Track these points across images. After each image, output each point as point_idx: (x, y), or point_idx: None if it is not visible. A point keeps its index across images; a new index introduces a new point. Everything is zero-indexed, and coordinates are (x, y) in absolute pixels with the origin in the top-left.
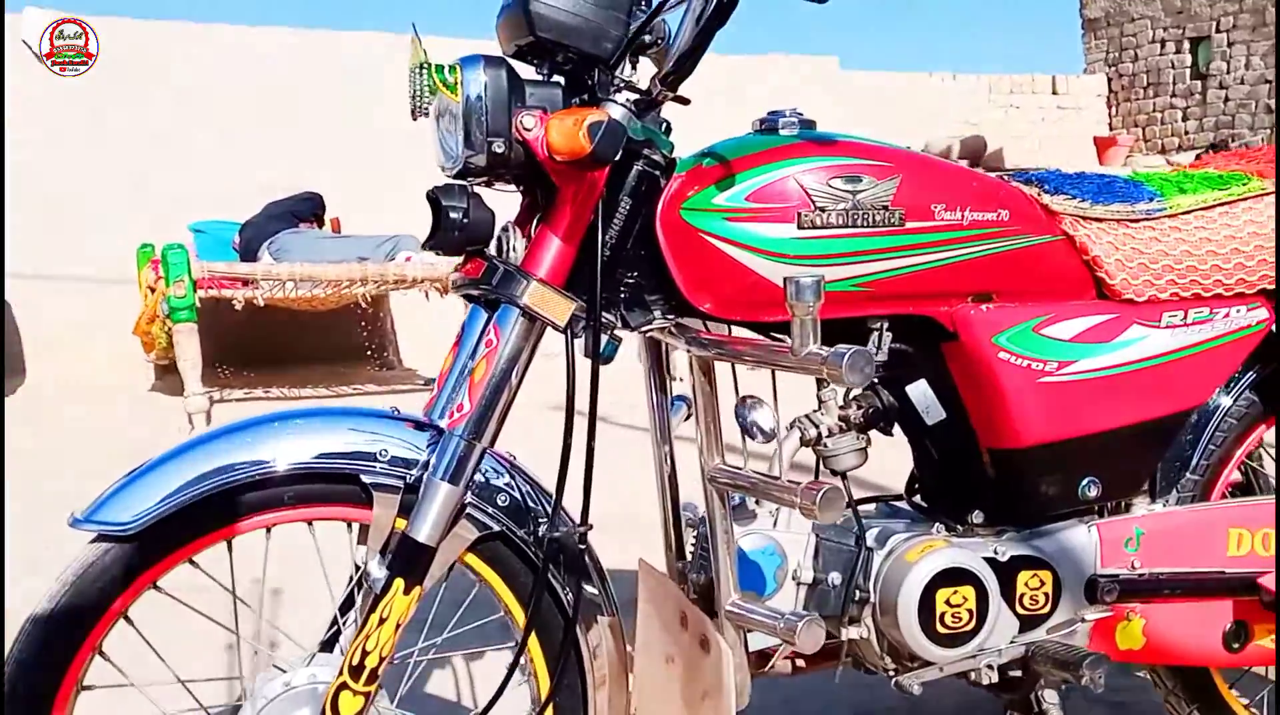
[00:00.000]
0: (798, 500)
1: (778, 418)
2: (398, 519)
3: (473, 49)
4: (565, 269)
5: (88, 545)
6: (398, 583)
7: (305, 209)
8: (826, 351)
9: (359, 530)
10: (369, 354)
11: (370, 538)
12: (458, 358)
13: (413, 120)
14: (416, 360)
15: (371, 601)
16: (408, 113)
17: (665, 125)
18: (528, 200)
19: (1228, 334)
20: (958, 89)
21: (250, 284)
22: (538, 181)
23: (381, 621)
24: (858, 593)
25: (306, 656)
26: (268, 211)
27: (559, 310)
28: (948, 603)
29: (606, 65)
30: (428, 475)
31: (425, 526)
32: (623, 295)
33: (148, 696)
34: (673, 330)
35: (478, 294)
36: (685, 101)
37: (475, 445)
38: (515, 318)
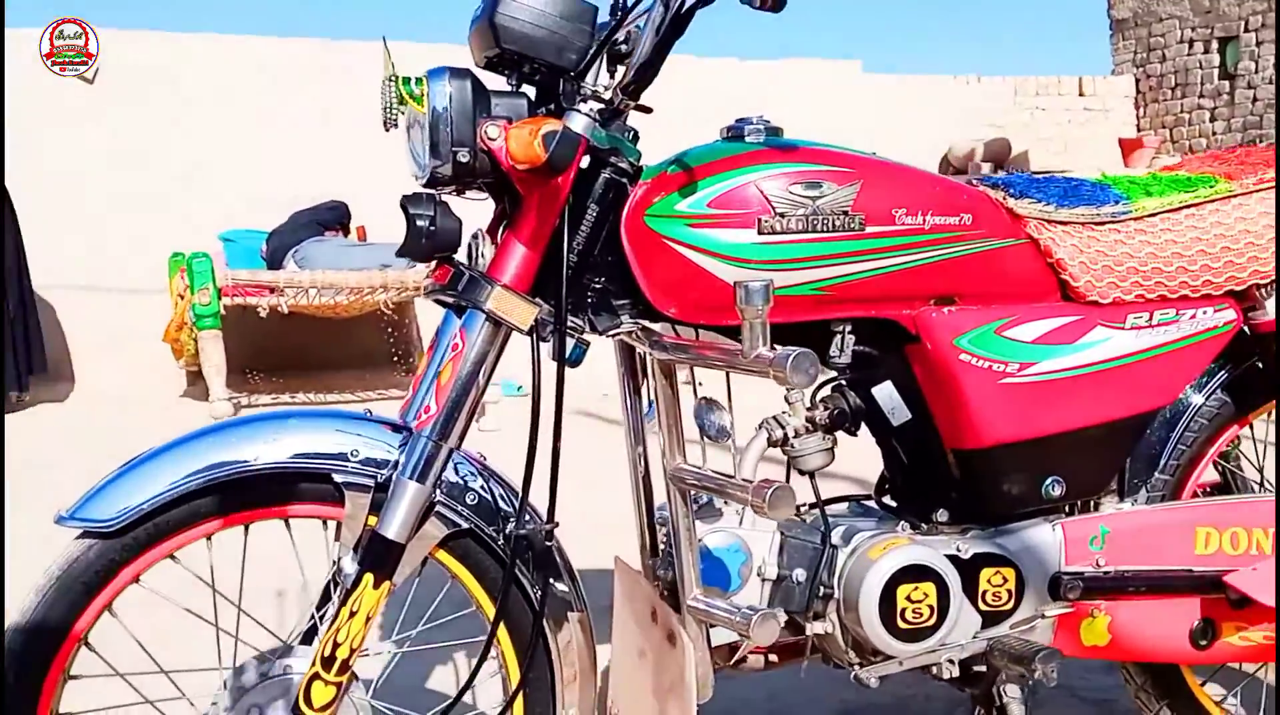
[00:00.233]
0: (750, 498)
1: (732, 419)
2: (369, 516)
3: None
4: (530, 275)
5: (73, 541)
6: (367, 577)
7: (331, 217)
8: (773, 354)
9: (335, 527)
10: (395, 359)
11: (343, 535)
12: (430, 361)
13: (385, 131)
14: None
15: (342, 595)
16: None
17: (633, 134)
18: (499, 208)
19: (1194, 335)
20: (983, 91)
21: (274, 291)
22: (506, 190)
23: (352, 615)
24: (822, 589)
25: (284, 648)
26: (294, 220)
27: (522, 315)
28: (909, 599)
29: (570, 76)
30: (397, 474)
31: (394, 524)
32: (590, 300)
33: (131, 685)
34: (639, 334)
35: (448, 300)
36: (648, 110)
37: (442, 445)
38: (481, 322)
